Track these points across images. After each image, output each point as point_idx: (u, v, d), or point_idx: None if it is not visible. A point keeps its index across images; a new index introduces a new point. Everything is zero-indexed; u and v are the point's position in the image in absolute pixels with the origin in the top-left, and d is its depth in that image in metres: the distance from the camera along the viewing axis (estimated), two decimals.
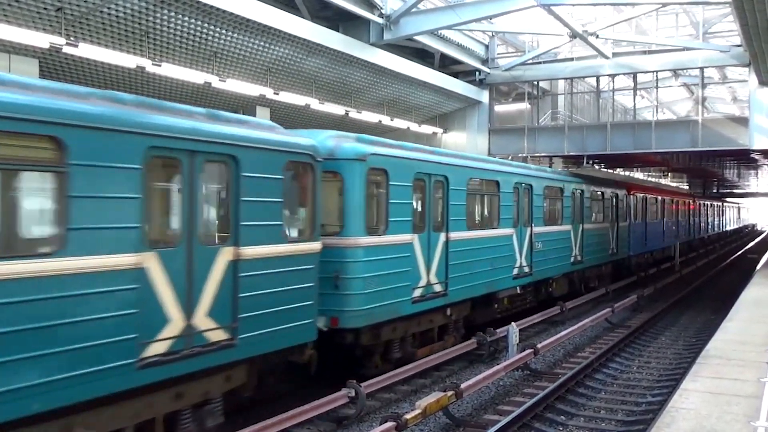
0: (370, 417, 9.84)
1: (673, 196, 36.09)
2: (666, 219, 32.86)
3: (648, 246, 29.03)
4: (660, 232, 31.41)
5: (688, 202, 40.52)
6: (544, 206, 17.98)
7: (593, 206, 22.27)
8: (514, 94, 30.26)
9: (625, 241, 25.46)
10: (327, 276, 9.81)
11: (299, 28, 16.88)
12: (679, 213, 36.54)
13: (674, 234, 34.89)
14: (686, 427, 6.07)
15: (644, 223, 28.28)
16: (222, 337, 7.67)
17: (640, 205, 27.90)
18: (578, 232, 20.38)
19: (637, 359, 14.23)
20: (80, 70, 14.97)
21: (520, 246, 16.34)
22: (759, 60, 17.48)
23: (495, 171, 15.44)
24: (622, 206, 25.31)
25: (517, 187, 16.41)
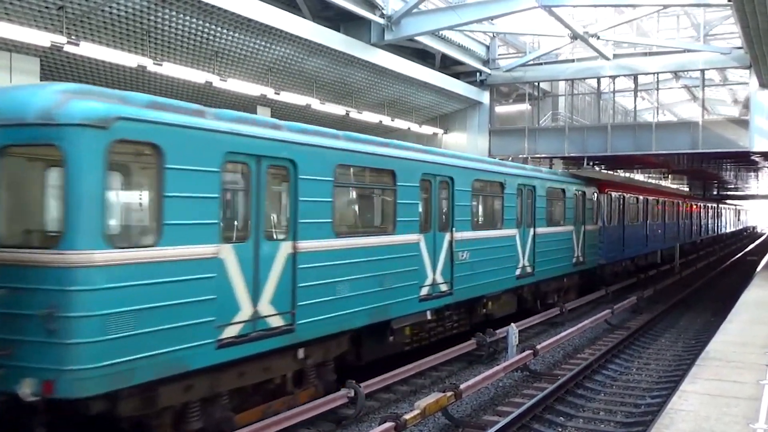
0: (369, 417, 9.84)
1: (661, 196, 32.71)
2: (650, 221, 29.45)
3: (627, 252, 25.57)
4: (642, 236, 28.03)
5: (678, 203, 37.15)
6: (473, 206, 13.86)
7: (551, 206, 18.33)
8: (515, 95, 30.28)
9: (596, 248, 21.76)
10: (32, 314, 6.30)
11: (300, 28, 16.89)
12: (667, 215, 33.28)
13: (661, 238, 31.61)
14: (685, 428, 6.07)
15: (621, 226, 24.81)
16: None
17: (617, 206, 24.37)
18: (528, 238, 16.49)
19: (636, 361, 14.23)
20: (81, 68, 14.99)
21: (432, 257, 12.13)
22: (760, 62, 17.51)
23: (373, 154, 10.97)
24: (591, 206, 21.41)
25: (447, 181, 12.78)
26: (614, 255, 23.87)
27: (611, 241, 23.26)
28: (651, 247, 30.05)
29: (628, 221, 25.51)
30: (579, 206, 20.08)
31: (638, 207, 27.41)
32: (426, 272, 11.81)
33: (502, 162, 17.73)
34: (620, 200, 24.80)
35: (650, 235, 29.32)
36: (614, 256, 23.89)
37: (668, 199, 34.22)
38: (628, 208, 25.62)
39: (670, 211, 34.54)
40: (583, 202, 20.44)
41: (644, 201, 28.46)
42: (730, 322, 11.78)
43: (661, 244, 32.07)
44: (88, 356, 6.27)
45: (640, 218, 27.64)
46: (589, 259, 20.94)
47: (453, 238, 12.73)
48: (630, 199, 26.27)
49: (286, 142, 8.63)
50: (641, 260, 29.08)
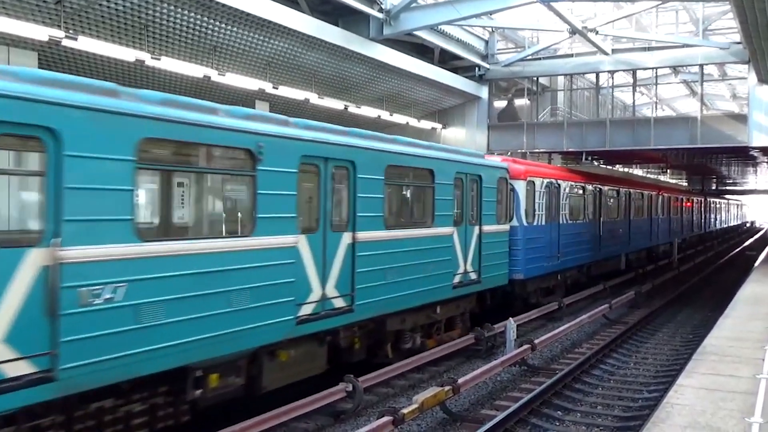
0: (367, 411, 9.87)
1: (627, 187, 27.54)
2: (607, 218, 23.66)
3: (565, 260, 19.41)
4: (593, 237, 22.08)
5: (656, 196, 31.98)
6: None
7: (402, 196, 13.06)
8: (514, 90, 30.27)
9: (504, 257, 15.37)
10: None
11: (299, 23, 16.87)
12: (635, 210, 27.48)
13: (624, 240, 25.86)
14: (681, 422, 6.10)
15: (556, 225, 18.96)
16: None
17: (548, 198, 18.40)
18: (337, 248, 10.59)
19: (634, 355, 14.27)
20: (79, 63, 14.97)
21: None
22: (758, 57, 17.48)
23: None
24: (496, 198, 14.94)
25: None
26: (541, 265, 17.64)
27: (536, 247, 17.29)
28: (608, 252, 23.82)
29: (570, 218, 19.88)
30: (466, 198, 13.47)
31: (586, 200, 21.60)
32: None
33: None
34: (553, 191, 18.60)
35: (607, 236, 23.36)
36: (542, 266, 17.66)
37: (639, 191, 28.49)
38: (569, 201, 19.88)
39: (642, 205, 28.81)
40: (477, 193, 13.88)
41: (596, 193, 22.58)
42: (727, 317, 11.83)
43: (623, 248, 25.89)
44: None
45: (589, 215, 21.81)
46: (490, 274, 14.38)
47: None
48: (573, 189, 20.57)
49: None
50: (595, 268, 22.98)
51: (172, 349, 7.03)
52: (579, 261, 20.93)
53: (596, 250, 22.50)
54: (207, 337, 7.45)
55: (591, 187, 22.14)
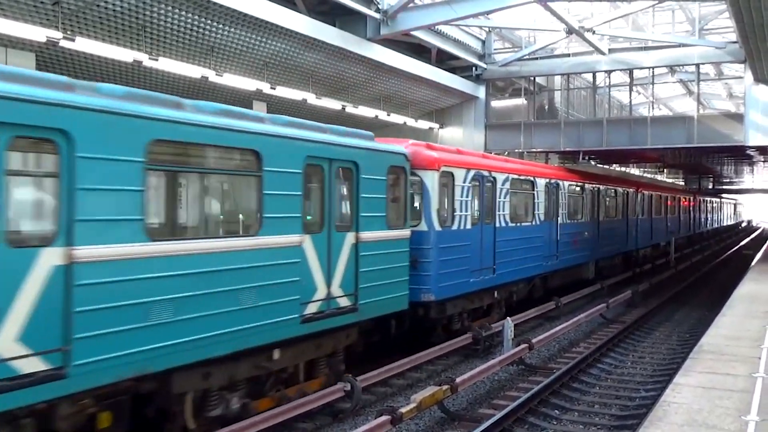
0: (365, 411, 9.90)
1: (617, 185, 25.31)
2: (568, 220, 20.09)
3: (505, 272, 15.48)
4: (544, 243, 18.16)
5: (648, 195, 29.76)
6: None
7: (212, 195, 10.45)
8: (511, 90, 30.29)
9: (403, 273, 11.60)
10: None
11: (296, 23, 16.88)
12: (605, 209, 23.73)
13: (590, 244, 22.08)
14: (678, 421, 6.14)
15: (491, 228, 14.97)
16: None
17: (473, 193, 14.36)
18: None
19: (631, 354, 14.31)
20: (77, 64, 14.97)
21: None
22: (754, 57, 17.55)
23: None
24: (391, 195, 11.39)
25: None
26: (466, 281, 13.70)
27: (457, 258, 13.36)
28: (570, 259, 20.14)
29: (513, 220, 16.11)
30: (330, 194, 9.75)
31: (538, 198, 17.77)
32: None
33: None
34: (486, 186, 14.80)
35: (567, 240, 19.77)
36: (466, 282, 13.74)
37: (612, 187, 24.96)
38: (511, 198, 16.09)
39: (616, 204, 25.39)
40: (351, 187, 10.31)
41: (552, 189, 18.75)
42: (723, 315, 11.87)
43: (591, 253, 22.37)
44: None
45: (541, 216, 17.91)
46: (375, 298, 10.60)
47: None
48: (517, 184, 16.59)
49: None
50: (554, 279, 19.72)
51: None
52: (527, 272, 16.94)
53: (553, 258, 18.61)
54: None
55: (544, 181, 18.16)
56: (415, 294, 12.04)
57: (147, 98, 7.21)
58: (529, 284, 17.86)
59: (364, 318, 10.55)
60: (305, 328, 9.15)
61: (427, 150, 13.11)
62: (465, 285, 13.72)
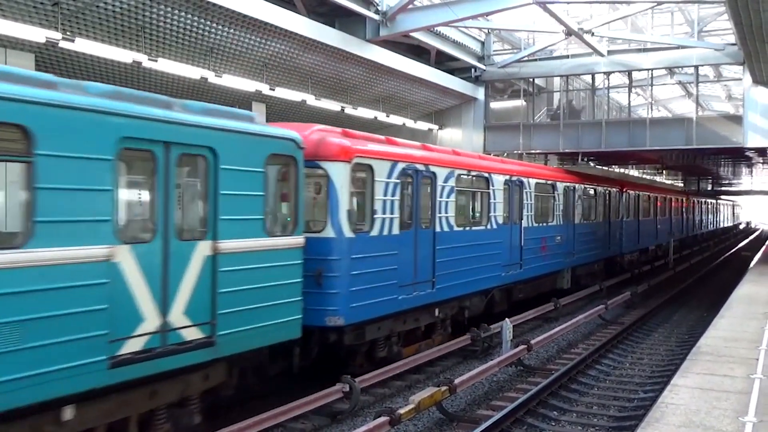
0: (364, 412, 9.90)
1: (597, 184, 22.63)
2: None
3: (448, 286, 12.94)
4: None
5: (634, 196, 27.41)
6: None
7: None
8: (510, 91, 30.33)
9: (294, 292, 9.04)
10: None
11: (295, 24, 16.90)
12: (566, 210, 19.95)
13: (551, 252, 18.65)
14: (675, 422, 6.15)
15: (414, 234, 11.94)
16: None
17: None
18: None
19: (629, 356, 14.32)
20: (76, 65, 14.99)
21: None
22: (753, 59, 17.59)
23: None
24: (259, 190, 8.70)
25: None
26: (392, 299, 11.17)
27: (378, 272, 10.79)
28: (539, 267, 17.78)
29: (458, 223, 13.47)
30: (166, 189, 7.36)
31: (495, 197, 15.16)
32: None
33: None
34: (422, 182, 12.24)
35: (534, 246, 17.38)
36: (393, 301, 11.19)
37: (591, 186, 22.60)
38: (458, 198, 13.65)
39: (595, 205, 23.09)
40: (205, 179, 7.94)
41: (513, 187, 16.18)
42: (722, 317, 11.87)
43: (566, 260, 19.87)
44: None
45: (498, 218, 15.33)
46: (247, 326, 8.22)
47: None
48: (465, 180, 14.08)
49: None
50: (520, 290, 17.12)
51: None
52: (480, 285, 14.40)
53: (515, 267, 16.17)
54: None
55: (503, 179, 15.61)
56: (317, 317, 9.78)
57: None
58: (485, 298, 15.19)
59: (228, 353, 7.95)
60: (118, 375, 6.61)
61: (335, 137, 10.54)
62: (391, 303, 11.18)
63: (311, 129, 10.46)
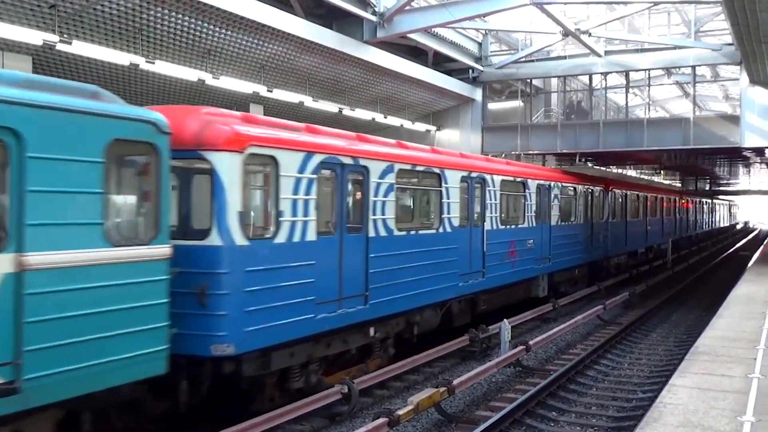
0: (362, 413, 9.90)
1: (576, 182, 20.87)
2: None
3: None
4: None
5: (621, 195, 25.47)
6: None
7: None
8: (508, 92, 30.35)
9: (138, 321, 6.93)
10: None
11: (293, 26, 16.91)
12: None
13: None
14: (674, 422, 6.15)
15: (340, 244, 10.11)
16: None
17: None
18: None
19: (628, 356, 14.33)
20: (74, 67, 14.98)
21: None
22: (750, 59, 17.61)
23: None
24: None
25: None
26: (307, 320, 9.31)
27: (284, 287, 8.94)
28: (507, 276, 15.75)
29: (400, 227, 11.53)
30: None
31: (450, 196, 13.19)
32: None
33: None
34: (348, 179, 10.41)
35: (500, 251, 15.40)
36: (306, 321, 9.30)
37: (569, 185, 20.62)
38: (400, 196, 12.02)
39: (575, 205, 21.12)
40: (7, 174, 5.89)
41: (473, 185, 14.24)
42: (720, 317, 11.89)
43: (536, 266, 17.63)
44: None
45: (453, 219, 13.25)
46: (91, 365, 6.38)
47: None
48: (407, 177, 12.29)
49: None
50: (486, 300, 15.17)
51: None
52: (430, 297, 12.50)
53: (477, 276, 14.29)
54: None
55: (459, 175, 13.60)
56: (200, 345, 7.94)
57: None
58: (439, 311, 13.38)
59: (42, 402, 5.99)
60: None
61: (225, 121, 8.58)
62: (307, 324, 9.28)
63: (198, 111, 8.72)
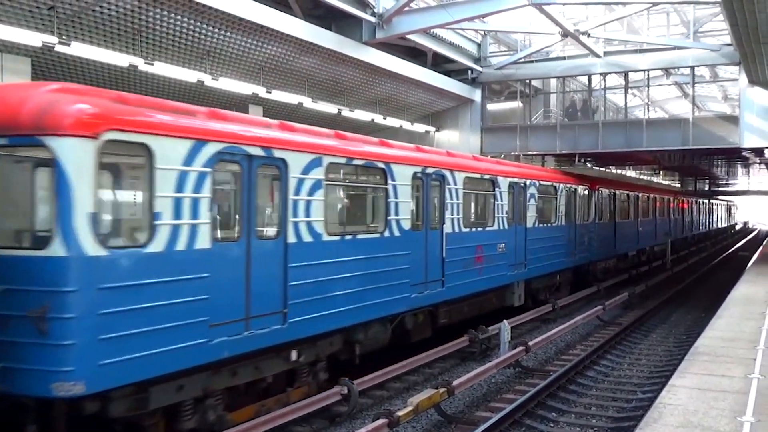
0: (362, 414, 9.90)
1: (550, 179, 19.28)
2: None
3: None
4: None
5: (607, 194, 24.18)
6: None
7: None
8: (507, 93, 30.34)
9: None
10: None
11: (292, 27, 16.90)
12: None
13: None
14: (673, 422, 6.15)
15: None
16: None
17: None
18: None
19: (628, 356, 14.33)
20: (73, 68, 14.97)
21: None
22: (749, 59, 17.61)
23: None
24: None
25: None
26: (194, 345, 7.48)
27: (160, 307, 7.14)
28: (465, 286, 13.85)
29: (323, 230, 9.64)
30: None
31: (391, 194, 11.35)
32: None
33: None
34: (246, 171, 8.46)
35: (461, 258, 13.63)
36: (195, 349, 7.50)
37: (547, 183, 18.70)
38: (324, 195, 9.76)
39: (554, 205, 19.35)
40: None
41: (430, 180, 12.65)
42: (719, 317, 11.89)
43: (509, 273, 16.02)
44: None
45: (395, 222, 11.42)
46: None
47: None
48: (325, 170, 9.73)
49: None
50: (446, 312, 13.61)
51: None
52: (375, 311, 10.83)
53: (435, 285, 12.64)
54: None
55: (411, 171, 11.91)
56: (38, 383, 6.37)
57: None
58: (389, 326, 11.74)
59: None
60: None
61: (77, 98, 6.79)
62: (196, 352, 7.49)
63: (43, 87, 6.97)
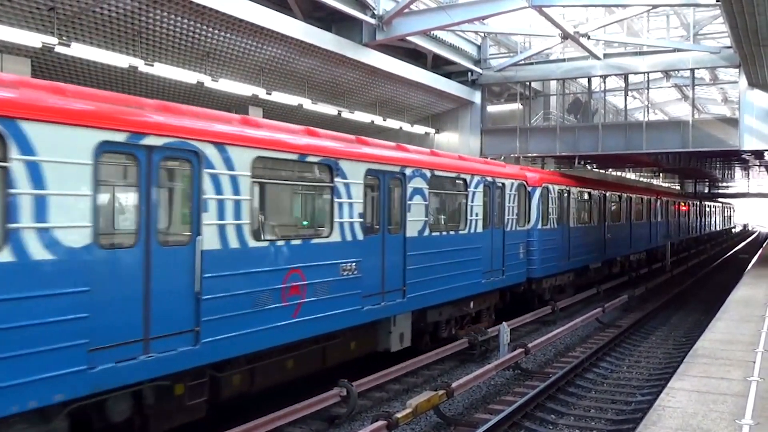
0: (361, 416, 9.89)
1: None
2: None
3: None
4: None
5: (598, 196, 23.65)
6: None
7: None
8: (507, 95, 30.35)
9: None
10: None
11: (292, 29, 16.91)
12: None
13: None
14: (672, 425, 6.14)
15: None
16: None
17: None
18: None
19: (627, 359, 14.33)
20: (72, 69, 14.97)
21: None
22: (749, 62, 17.62)
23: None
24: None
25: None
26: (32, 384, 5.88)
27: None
28: (428, 297, 12.36)
29: (251, 235, 8.33)
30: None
31: (338, 194, 9.94)
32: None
33: None
34: (144, 164, 7.00)
35: (423, 265, 12.09)
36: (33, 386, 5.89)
37: (501, 180, 15.52)
38: (255, 193, 8.69)
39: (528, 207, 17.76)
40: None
41: (387, 179, 11.17)
42: (718, 320, 11.88)
43: (491, 280, 14.86)
44: None
45: (343, 225, 10.04)
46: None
47: None
48: (252, 166, 8.29)
49: None
50: (434, 319, 13.08)
51: None
52: (305, 330, 9.24)
53: (395, 295, 11.34)
54: None
55: (364, 168, 10.48)
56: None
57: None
58: (322, 352, 10.23)
59: None
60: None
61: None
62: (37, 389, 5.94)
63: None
